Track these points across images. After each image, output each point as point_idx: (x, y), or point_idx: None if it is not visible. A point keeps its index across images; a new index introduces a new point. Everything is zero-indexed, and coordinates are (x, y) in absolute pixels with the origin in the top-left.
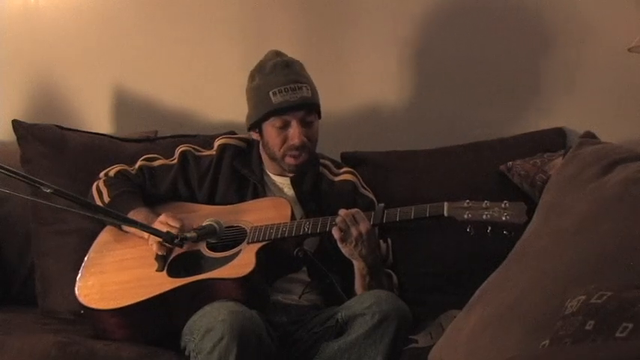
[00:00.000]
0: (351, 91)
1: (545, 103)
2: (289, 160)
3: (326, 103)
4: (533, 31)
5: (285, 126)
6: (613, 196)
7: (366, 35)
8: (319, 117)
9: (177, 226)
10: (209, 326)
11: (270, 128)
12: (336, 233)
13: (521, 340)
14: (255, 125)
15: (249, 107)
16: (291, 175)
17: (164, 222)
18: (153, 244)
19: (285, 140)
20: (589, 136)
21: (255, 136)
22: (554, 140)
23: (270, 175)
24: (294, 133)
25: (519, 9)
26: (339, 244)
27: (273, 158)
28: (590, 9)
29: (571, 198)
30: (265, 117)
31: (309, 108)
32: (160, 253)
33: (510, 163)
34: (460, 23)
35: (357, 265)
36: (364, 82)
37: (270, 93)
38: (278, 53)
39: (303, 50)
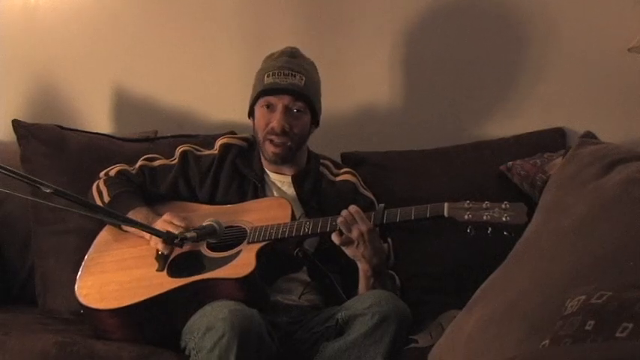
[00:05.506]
0: (350, 92)
1: (545, 103)
2: (268, 147)
3: (326, 103)
4: (533, 30)
5: (271, 109)
6: (613, 196)
7: (366, 36)
8: (312, 114)
9: (182, 225)
10: (210, 324)
11: (259, 110)
12: (336, 239)
13: (521, 340)
14: (251, 110)
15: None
16: (291, 172)
17: (168, 221)
18: (157, 243)
19: (268, 123)
20: (589, 136)
21: (252, 123)
22: (554, 140)
23: (271, 174)
24: (275, 116)
25: (519, 9)
26: (342, 247)
27: (258, 144)
28: (590, 9)
29: (571, 198)
30: (256, 98)
31: (296, 96)
32: (164, 252)
33: (510, 163)
34: (460, 23)
35: (362, 267)
36: (364, 82)
37: (265, 75)
38: (293, 47)
39: (303, 50)
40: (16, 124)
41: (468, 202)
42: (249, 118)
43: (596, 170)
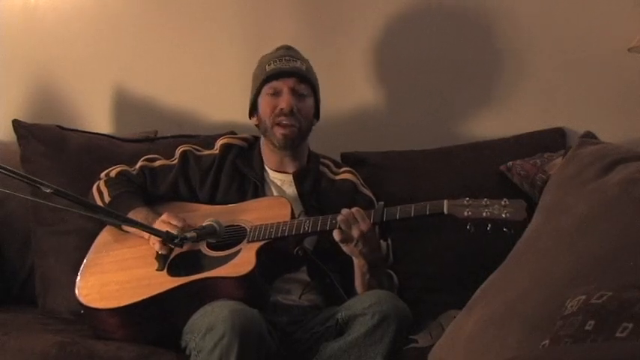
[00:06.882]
0: (350, 92)
1: (545, 103)
2: (277, 130)
3: (326, 104)
4: (534, 30)
5: (278, 94)
6: (613, 196)
7: (365, 36)
8: (315, 99)
9: (180, 225)
10: (210, 325)
11: (263, 99)
12: (337, 236)
13: (521, 340)
14: (254, 106)
15: (251, 92)
16: (292, 170)
17: (166, 221)
18: (155, 243)
19: (275, 107)
20: (589, 136)
21: (254, 121)
22: (554, 140)
23: (271, 173)
24: (284, 98)
25: (519, 10)
26: (341, 244)
27: (266, 135)
28: (590, 9)
29: (571, 198)
30: (260, 87)
31: (300, 78)
32: (161, 252)
33: (510, 163)
34: (461, 24)
35: (357, 263)
36: (364, 82)
37: (266, 65)
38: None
39: (304, 50)
40: (16, 124)
41: (467, 199)
42: (250, 117)
43: (596, 170)
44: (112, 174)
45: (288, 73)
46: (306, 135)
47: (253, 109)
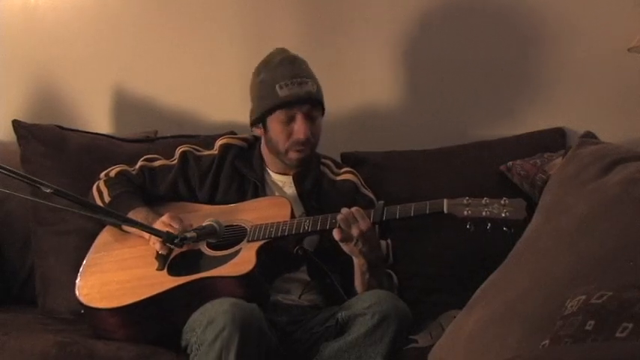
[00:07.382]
0: (350, 92)
1: (545, 103)
2: (292, 155)
3: (326, 104)
4: (533, 31)
5: (291, 120)
6: (613, 196)
7: (366, 36)
8: (322, 114)
9: (180, 227)
10: (211, 318)
11: (276, 123)
12: (337, 234)
13: (521, 340)
14: (259, 120)
15: (253, 102)
16: (292, 172)
17: (166, 222)
18: (155, 243)
19: (290, 135)
20: (589, 136)
21: (258, 132)
22: (554, 140)
23: (271, 173)
24: (300, 127)
25: (519, 9)
26: (340, 243)
27: (276, 153)
28: (590, 9)
29: (571, 198)
30: (271, 110)
31: (314, 103)
32: (162, 252)
33: (510, 163)
34: (460, 23)
35: (357, 262)
36: (364, 82)
37: (277, 86)
38: (284, 50)
39: (304, 50)
40: (16, 124)
41: (467, 198)
42: (253, 126)
43: (596, 170)
44: (112, 174)
45: (304, 100)
46: (315, 149)
47: (258, 122)
